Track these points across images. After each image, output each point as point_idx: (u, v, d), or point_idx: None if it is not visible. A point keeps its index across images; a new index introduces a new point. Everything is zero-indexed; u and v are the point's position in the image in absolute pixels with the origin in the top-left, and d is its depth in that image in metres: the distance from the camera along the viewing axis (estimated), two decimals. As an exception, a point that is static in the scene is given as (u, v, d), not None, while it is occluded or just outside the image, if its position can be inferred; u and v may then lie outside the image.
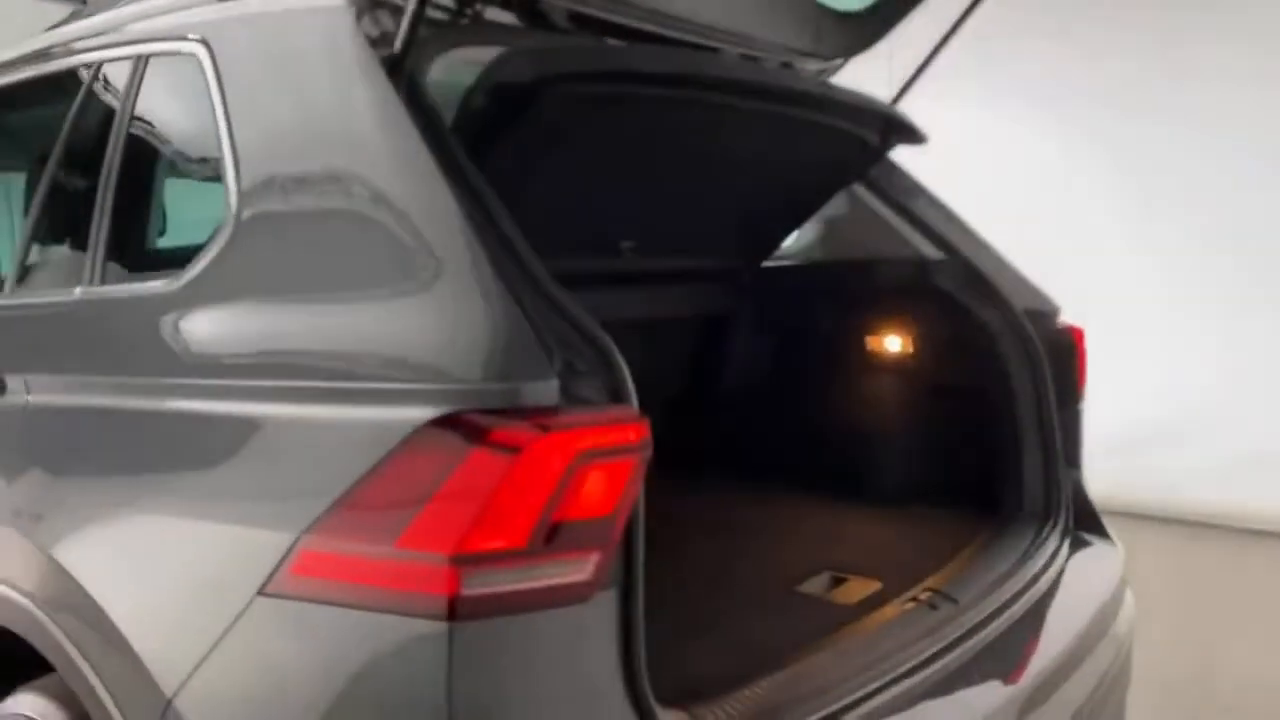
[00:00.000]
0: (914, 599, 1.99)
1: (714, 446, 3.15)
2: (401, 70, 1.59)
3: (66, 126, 2.11)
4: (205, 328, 1.59)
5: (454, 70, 1.83)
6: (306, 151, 1.59)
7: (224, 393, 1.51)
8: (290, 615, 1.32)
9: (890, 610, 1.97)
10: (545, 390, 1.28)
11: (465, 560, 1.22)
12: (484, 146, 1.78)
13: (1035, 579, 2.20)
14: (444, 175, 1.42)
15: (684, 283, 2.87)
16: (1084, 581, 2.34)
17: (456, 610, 1.22)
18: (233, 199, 1.61)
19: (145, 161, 1.98)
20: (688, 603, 2.07)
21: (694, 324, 3.07)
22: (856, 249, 2.86)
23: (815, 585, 2.18)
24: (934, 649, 1.84)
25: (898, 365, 2.81)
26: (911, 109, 2.59)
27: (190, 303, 1.61)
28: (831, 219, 2.95)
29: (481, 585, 1.23)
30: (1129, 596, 2.43)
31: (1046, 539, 2.40)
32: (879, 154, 2.67)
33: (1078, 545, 2.48)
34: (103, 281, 1.86)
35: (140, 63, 1.94)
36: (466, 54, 1.86)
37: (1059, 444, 2.53)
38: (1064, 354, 2.60)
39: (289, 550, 1.31)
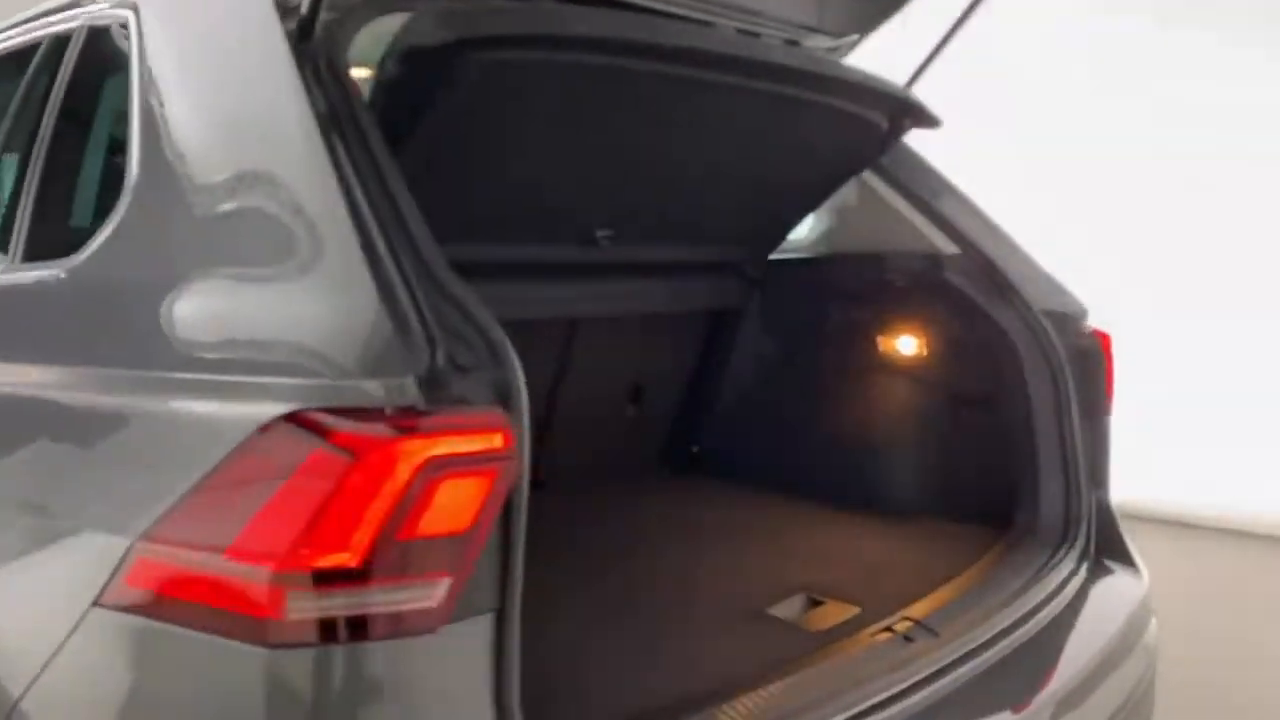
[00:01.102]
0: (888, 629, 1.79)
1: (713, 449, 2.99)
2: (311, 38, 1.46)
3: (16, 100, 2.04)
4: (78, 315, 1.49)
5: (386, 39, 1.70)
6: (196, 128, 1.47)
7: (82, 383, 1.40)
8: (121, 629, 1.19)
9: (859, 641, 1.77)
10: (404, 388, 1.13)
11: (291, 579, 1.08)
12: (404, 120, 1.64)
13: (1038, 608, 1.98)
14: (330, 155, 1.29)
15: (678, 275, 2.70)
16: (1098, 612, 2.11)
17: (277, 635, 1.08)
18: (131, 178, 1.51)
19: (75, 137, 1.89)
20: (637, 622, 1.91)
21: (692, 319, 2.89)
22: (866, 242, 2.65)
23: (787, 608, 2.00)
24: (898, 687, 1.64)
25: (907, 367, 2.60)
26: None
27: (72, 288, 1.51)
28: (841, 209, 2.75)
29: (308, 609, 1.08)
30: (1152, 627, 2.19)
31: (1060, 563, 2.17)
32: (889, 139, 2.46)
33: (1098, 572, 2.25)
34: (24, 260, 1.77)
35: (87, 32, 1.86)
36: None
37: (1080, 460, 2.31)
38: (1089, 361, 2.37)
39: (123, 558, 1.19)
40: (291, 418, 1.13)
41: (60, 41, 1.95)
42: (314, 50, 1.44)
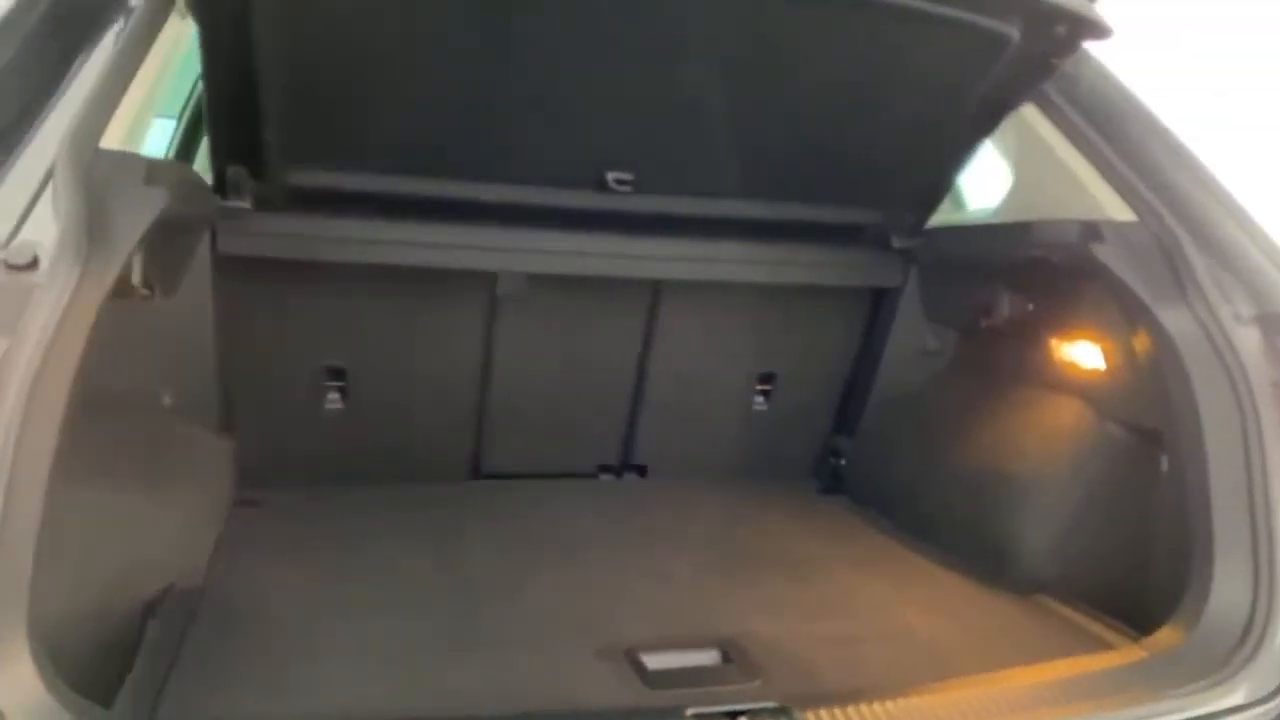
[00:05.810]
0: (736, 715, 1.25)
1: (857, 466, 2.39)
2: None
3: None
4: None
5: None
6: None
7: None
8: None
9: (674, 715, 1.26)
10: None
11: None
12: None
13: None
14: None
15: (794, 241, 2.16)
16: None
17: None
18: None
19: None
20: (470, 639, 1.56)
21: (826, 297, 2.30)
22: (1035, 206, 1.94)
23: (675, 658, 1.52)
24: None
25: (1053, 381, 1.88)
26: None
27: None
28: (1022, 164, 2.04)
29: None
30: None
31: (1186, 695, 1.40)
32: (1049, 59, 1.77)
33: None
34: None
35: None
36: None
37: None
38: None
39: None
40: None
41: None
42: None
